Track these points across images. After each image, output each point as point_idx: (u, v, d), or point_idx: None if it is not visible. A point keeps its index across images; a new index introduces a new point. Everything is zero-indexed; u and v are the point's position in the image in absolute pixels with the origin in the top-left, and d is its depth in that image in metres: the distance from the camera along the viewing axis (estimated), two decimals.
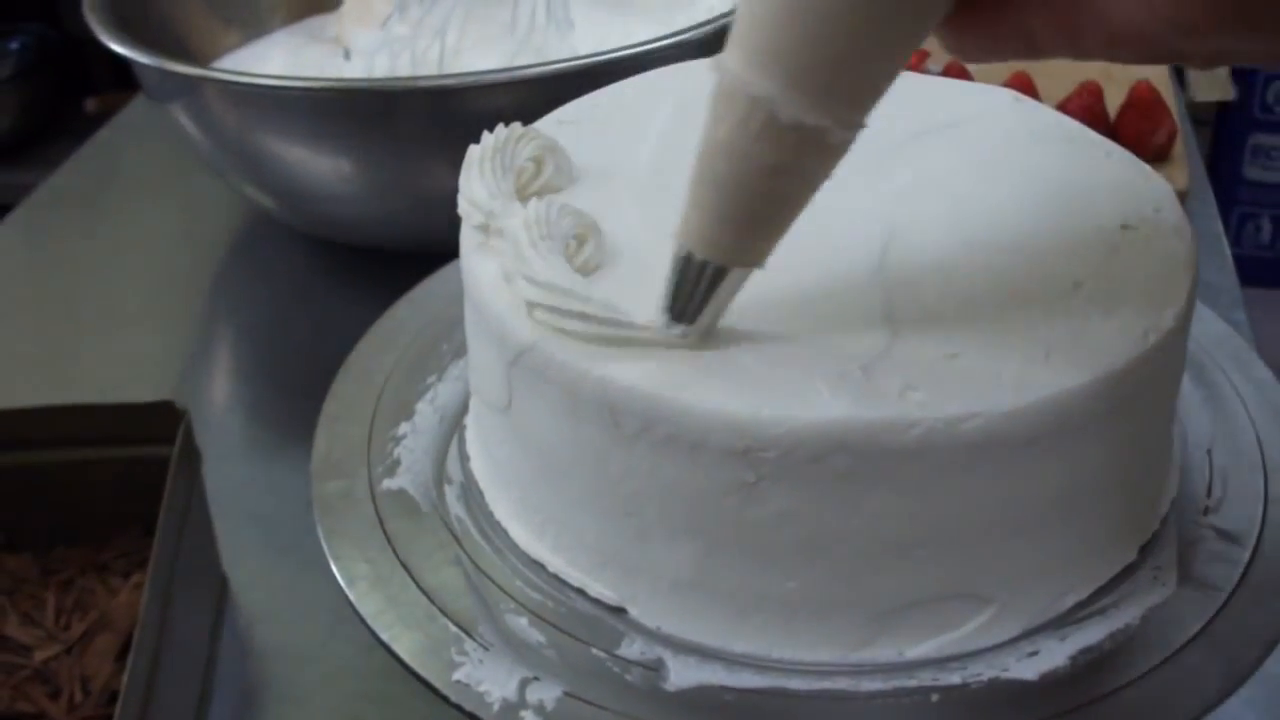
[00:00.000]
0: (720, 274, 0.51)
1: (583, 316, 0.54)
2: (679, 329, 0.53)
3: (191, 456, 0.73)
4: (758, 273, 0.58)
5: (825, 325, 0.55)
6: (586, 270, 0.57)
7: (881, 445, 0.52)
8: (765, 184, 0.48)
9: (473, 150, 0.63)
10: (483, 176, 0.62)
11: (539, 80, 0.90)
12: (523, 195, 0.62)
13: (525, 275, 0.56)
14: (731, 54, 0.46)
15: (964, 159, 0.66)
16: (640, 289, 0.55)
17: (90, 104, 2.24)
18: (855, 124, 0.47)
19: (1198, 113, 2.41)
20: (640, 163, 0.66)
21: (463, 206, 0.62)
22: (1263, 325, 2.41)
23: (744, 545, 0.55)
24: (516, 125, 0.64)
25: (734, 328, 0.55)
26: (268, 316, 1.04)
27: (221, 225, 1.14)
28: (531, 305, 0.56)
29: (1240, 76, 2.27)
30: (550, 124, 0.70)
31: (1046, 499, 0.55)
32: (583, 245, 0.58)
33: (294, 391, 0.89)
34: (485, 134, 0.64)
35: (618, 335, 0.54)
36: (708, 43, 0.96)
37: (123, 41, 0.97)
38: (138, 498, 0.72)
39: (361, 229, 1.01)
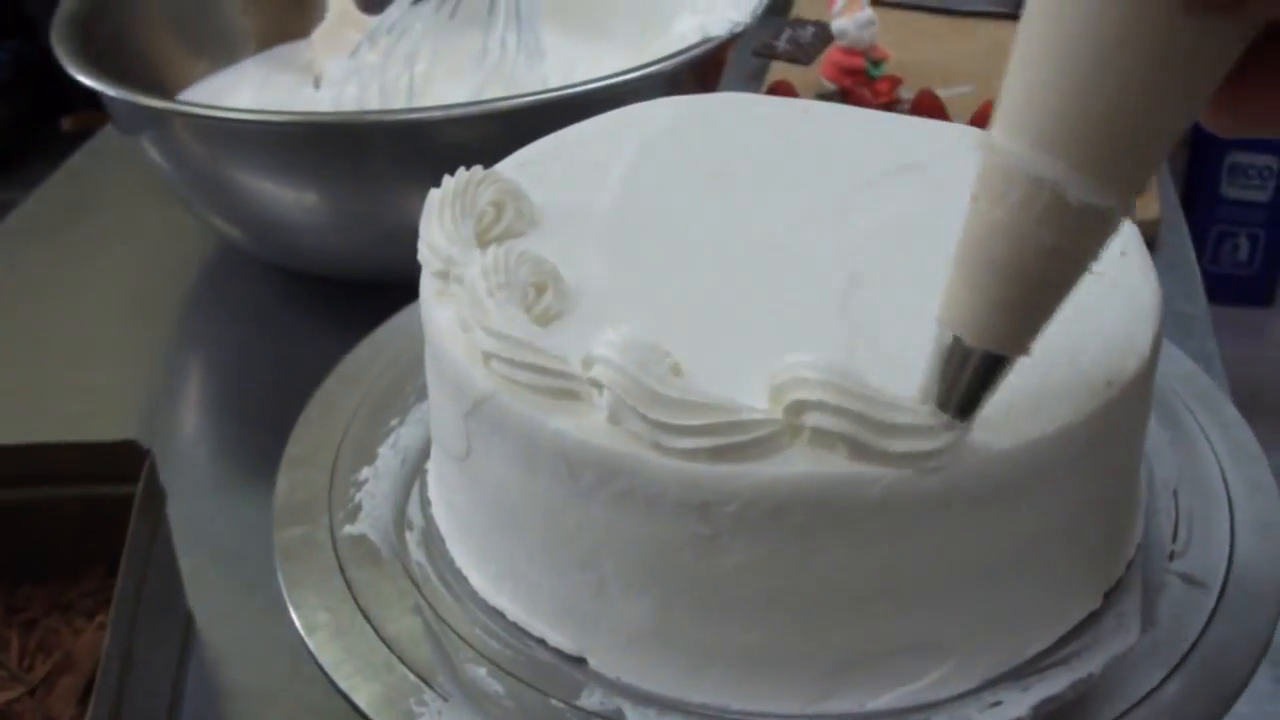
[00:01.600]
0: (995, 362, 0.49)
1: (537, 369, 0.54)
2: (945, 419, 0.51)
3: (155, 496, 0.72)
4: (718, 317, 0.58)
5: None
6: (545, 319, 0.57)
7: (839, 501, 0.51)
8: (1044, 267, 0.46)
9: (433, 195, 0.63)
10: (442, 222, 0.61)
11: (507, 114, 0.90)
12: (483, 240, 0.62)
13: (482, 325, 0.56)
14: (1007, 133, 0.45)
15: (928, 202, 0.66)
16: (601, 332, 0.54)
17: (66, 122, 2.23)
18: (1133, 203, 0.45)
19: None
20: (602, 206, 0.66)
21: (422, 253, 0.62)
22: (1241, 343, 2.42)
23: (702, 598, 0.55)
24: (477, 169, 0.64)
25: (691, 368, 0.54)
26: (236, 348, 1.04)
27: (191, 255, 1.13)
28: (488, 356, 0.55)
29: None
30: (512, 165, 0.69)
31: (1008, 550, 0.55)
32: (541, 294, 0.58)
33: (261, 426, 0.88)
34: (446, 178, 0.63)
35: (568, 388, 0.54)
36: (677, 75, 0.96)
37: (90, 72, 0.97)
38: (102, 536, 0.72)
39: (330, 261, 1.00)
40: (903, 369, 0.54)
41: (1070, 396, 0.54)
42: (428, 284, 0.62)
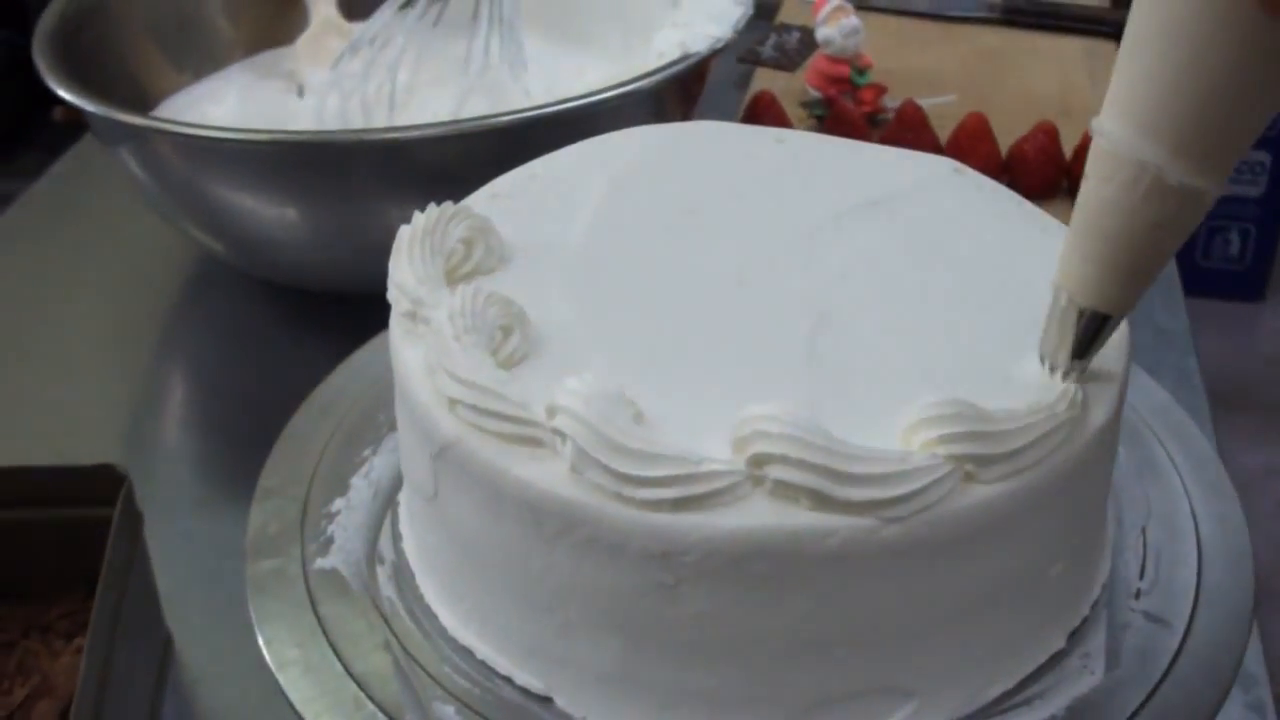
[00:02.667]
0: (1103, 320, 0.54)
1: (502, 416, 0.54)
2: (1058, 373, 0.56)
3: (132, 519, 0.73)
4: (684, 361, 0.59)
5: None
6: (511, 363, 0.57)
7: (800, 552, 0.51)
8: (1147, 239, 0.52)
9: (403, 232, 0.63)
10: (411, 261, 0.61)
11: (486, 132, 0.90)
12: (452, 278, 0.62)
13: (448, 370, 0.56)
14: (1115, 119, 0.50)
15: (899, 238, 0.66)
16: (566, 380, 0.54)
17: (58, 113, 2.23)
18: (1223, 183, 0.51)
19: None
20: (572, 242, 0.66)
21: (391, 293, 0.62)
22: (1231, 338, 2.41)
23: (665, 643, 0.55)
24: (448, 205, 0.64)
25: (654, 416, 0.54)
26: (219, 362, 1.04)
27: (174, 266, 1.13)
28: (453, 402, 0.56)
29: None
30: (484, 198, 0.69)
31: (969, 596, 0.55)
32: (509, 336, 0.58)
33: (242, 443, 0.88)
34: (416, 214, 0.63)
35: (532, 436, 0.54)
36: (659, 91, 0.96)
37: (70, 84, 0.97)
38: (81, 558, 0.72)
39: (312, 275, 1.00)
40: (868, 414, 0.55)
41: None
42: (396, 324, 0.62)
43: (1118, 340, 0.60)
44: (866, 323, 0.61)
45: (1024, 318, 0.60)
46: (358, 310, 0.74)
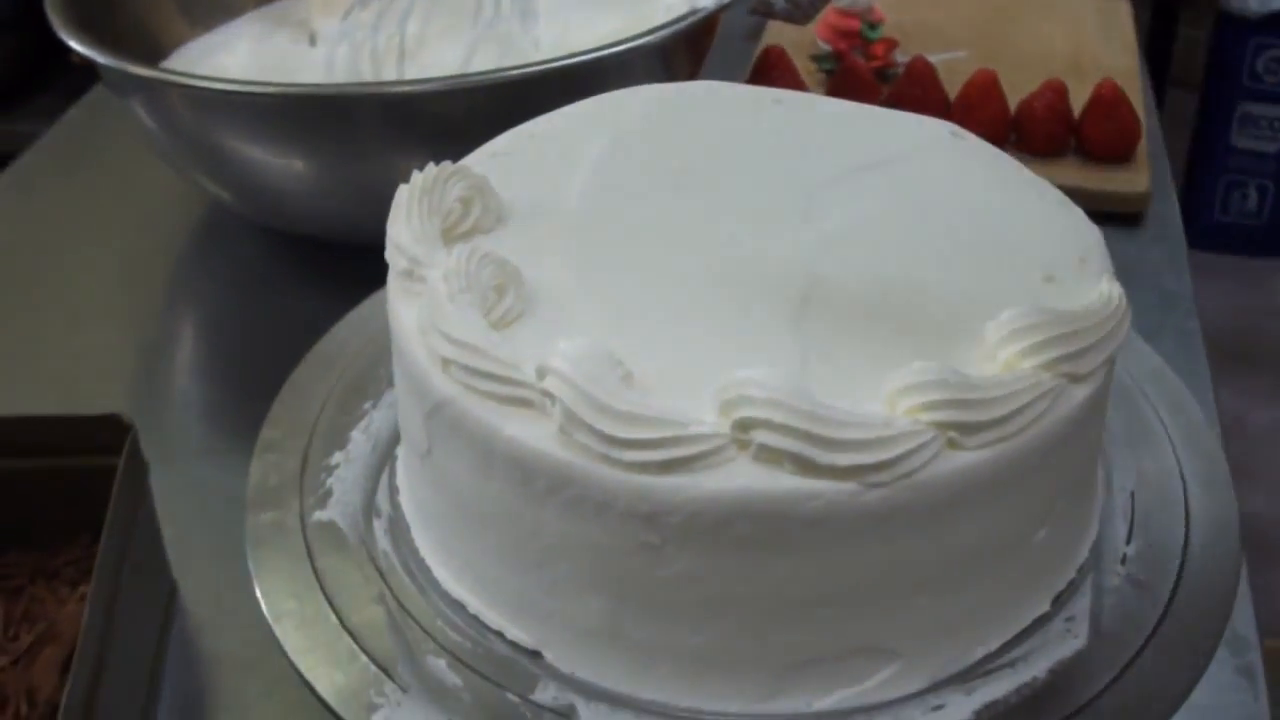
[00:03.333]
0: None
1: (493, 377, 0.55)
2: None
3: (138, 469, 0.73)
4: (675, 323, 0.59)
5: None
6: (505, 323, 0.58)
7: (783, 514, 0.52)
8: None
9: (401, 191, 0.64)
10: (409, 220, 0.62)
11: (493, 86, 0.90)
12: (449, 237, 0.62)
13: (441, 330, 0.56)
14: None
15: (893, 202, 0.66)
16: (557, 341, 0.55)
17: (76, 55, 2.23)
18: None
19: (1188, 78, 2.39)
20: (569, 202, 0.66)
21: (389, 252, 0.62)
22: (1247, 294, 2.40)
23: (650, 601, 0.56)
24: (446, 164, 0.64)
25: (644, 378, 0.55)
26: (227, 309, 1.04)
27: (182, 215, 1.13)
28: (447, 362, 0.56)
29: (1230, 47, 2.26)
30: (483, 157, 0.70)
31: (952, 561, 0.56)
32: (502, 296, 0.58)
33: (249, 391, 0.89)
34: (415, 173, 0.64)
35: (523, 397, 0.55)
36: (667, 45, 0.95)
37: (82, 35, 0.97)
38: (87, 505, 0.73)
39: (321, 224, 1.01)
40: (854, 379, 0.55)
41: None
42: (394, 283, 0.62)
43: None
44: (857, 287, 0.61)
45: (1016, 284, 0.60)
46: (365, 260, 0.75)
